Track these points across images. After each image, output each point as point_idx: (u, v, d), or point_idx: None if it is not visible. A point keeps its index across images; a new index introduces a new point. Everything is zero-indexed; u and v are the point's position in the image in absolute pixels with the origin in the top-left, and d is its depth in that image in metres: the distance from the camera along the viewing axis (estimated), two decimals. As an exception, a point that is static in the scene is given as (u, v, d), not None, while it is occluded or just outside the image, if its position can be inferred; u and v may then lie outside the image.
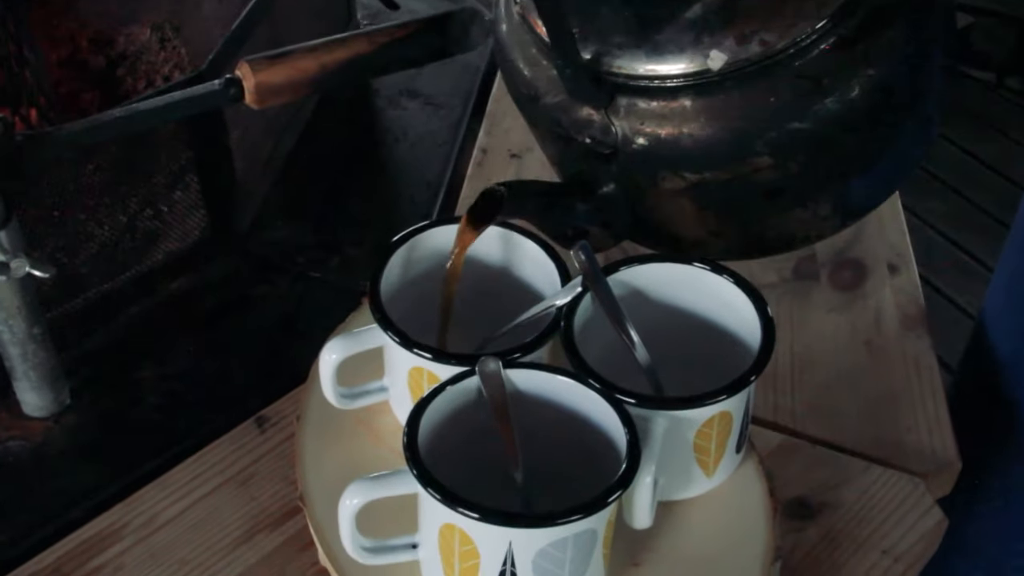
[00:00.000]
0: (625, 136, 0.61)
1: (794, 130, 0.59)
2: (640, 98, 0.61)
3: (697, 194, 0.62)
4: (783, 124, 0.59)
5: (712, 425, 0.62)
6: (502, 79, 1.04)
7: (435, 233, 0.69)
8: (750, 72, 0.58)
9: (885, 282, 0.86)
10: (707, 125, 0.60)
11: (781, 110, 0.59)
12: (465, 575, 0.57)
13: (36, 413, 0.74)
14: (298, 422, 0.69)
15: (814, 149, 0.60)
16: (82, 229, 0.80)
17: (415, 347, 0.62)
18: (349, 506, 0.58)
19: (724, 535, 0.64)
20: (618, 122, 0.61)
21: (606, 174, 0.63)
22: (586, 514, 0.54)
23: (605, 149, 0.62)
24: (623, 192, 0.64)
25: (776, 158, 0.60)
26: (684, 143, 0.60)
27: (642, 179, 0.63)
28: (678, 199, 0.63)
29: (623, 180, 0.63)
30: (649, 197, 0.64)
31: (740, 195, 0.62)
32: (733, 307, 0.65)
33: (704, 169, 0.61)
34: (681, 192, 0.62)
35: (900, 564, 0.67)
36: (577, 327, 0.64)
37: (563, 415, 0.62)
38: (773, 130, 0.59)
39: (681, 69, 0.59)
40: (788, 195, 0.63)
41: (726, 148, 0.60)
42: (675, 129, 0.60)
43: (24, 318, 0.69)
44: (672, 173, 0.62)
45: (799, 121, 0.59)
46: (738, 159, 0.60)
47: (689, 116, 0.60)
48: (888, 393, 0.78)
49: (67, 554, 0.66)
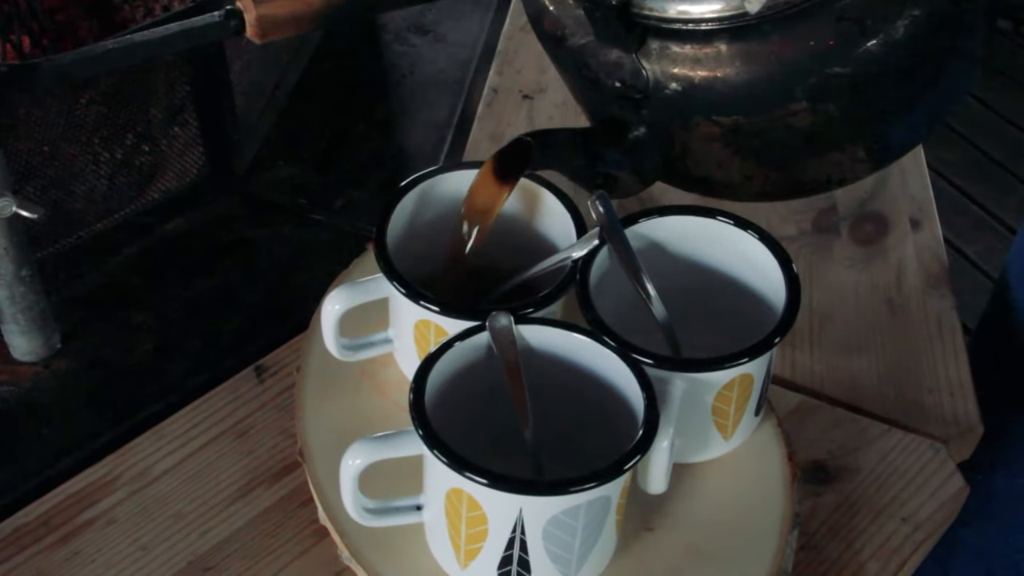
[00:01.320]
0: (656, 80, 0.59)
1: (835, 75, 0.56)
2: (672, 41, 0.58)
3: (731, 140, 0.60)
4: (823, 69, 0.56)
5: (732, 388, 0.59)
6: (513, 16, 1.01)
7: (444, 179, 0.66)
8: (789, 15, 0.55)
9: (907, 237, 0.83)
10: (743, 70, 0.57)
11: (821, 54, 0.56)
12: (472, 540, 0.55)
13: (25, 358, 0.72)
14: (298, 373, 0.66)
15: (855, 93, 0.57)
16: (75, 164, 0.76)
17: (422, 299, 0.59)
18: (351, 467, 0.55)
19: (740, 501, 0.62)
20: (649, 66, 0.58)
21: (636, 119, 0.61)
22: (601, 482, 0.52)
23: (635, 93, 0.59)
24: (654, 137, 0.61)
25: (815, 103, 0.57)
26: (718, 88, 0.57)
27: (674, 124, 0.60)
28: (711, 144, 0.60)
29: (654, 125, 0.61)
30: (680, 142, 0.62)
31: (776, 141, 0.60)
32: (756, 264, 0.62)
33: (739, 115, 0.58)
34: (714, 138, 0.60)
35: (920, 532, 0.65)
36: (593, 281, 0.61)
37: (576, 374, 0.59)
38: (813, 75, 0.56)
39: (717, 11, 0.56)
40: (825, 140, 0.60)
41: (762, 94, 0.57)
42: (709, 74, 0.57)
43: (12, 259, 0.66)
44: (705, 119, 0.59)
45: (840, 65, 0.56)
46: (775, 105, 0.58)
47: (724, 61, 0.57)
48: (909, 353, 0.76)
49: (56, 507, 0.64)
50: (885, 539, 0.64)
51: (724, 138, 0.60)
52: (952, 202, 2.06)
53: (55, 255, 0.75)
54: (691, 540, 0.60)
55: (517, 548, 0.54)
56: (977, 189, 2.11)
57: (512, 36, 0.98)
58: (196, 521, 0.63)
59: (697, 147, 0.61)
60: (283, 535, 0.63)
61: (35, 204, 0.62)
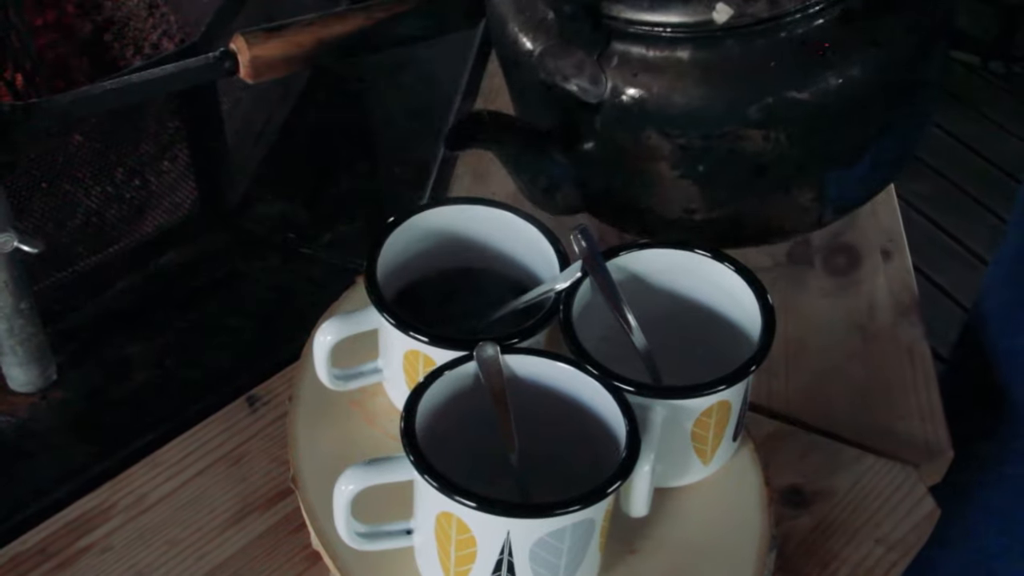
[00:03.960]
0: (615, 86, 0.60)
1: (791, 99, 0.57)
2: (636, 45, 0.59)
3: (679, 160, 0.60)
4: (780, 91, 0.57)
5: (711, 414, 0.61)
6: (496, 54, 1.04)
7: (433, 214, 0.68)
8: (754, 31, 0.56)
9: (879, 268, 0.86)
10: (701, 82, 0.58)
11: (780, 76, 0.57)
12: (461, 563, 0.57)
13: (22, 389, 0.73)
14: (290, 402, 0.68)
15: (809, 123, 0.58)
16: (69, 199, 0.78)
17: (412, 330, 0.62)
18: (344, 492, 0.57)
19: (719, 523, 0.64)
20: (609, 71, 0.59)
21: (589, 128, 0.62)
22: (585, 505, 0.54)
23: (592, 98, 0.60)
24: (603, 150, 0.62)
25: (768, 128, 0.58)
26: (674, 100, 0.58)
27: (625, 136, 0.61)
28: (658, 164, 0.61)
29: (605, 136, 0.61)
30: (629, 158, 0.62)
31: (724, 166, 0.60)
32: (733, 295, 0.65)
33: (691, 130, 0.59)
34: (663, 156, 0.60)
35: (893, 553, 0.67)
36: (576, 312, 0.63)
37: (561, 402, 0.61)
38: (769, 95, 0.57)
39: (684, 18, 0.57)
40: (774, 174, 0.61)
41: (717, 109, 0.58)
42: (668, 83, 0.58)
43: (11, 292, 0.68)
44: (657, 131, 0.60)
45: (797, 90, 0.57)
46: (728, 122, 0.58)
47: (684, 70, 0.58)
48: (881, 381, 0.78)
49: (53, 534, 0.65)
50: (860, 560, 0.67)
51: (673, 156, 0.60)
52: (923, 232, 2.10)
53: (51, 287, 0.77)
54: (672, 562, 0.63)
55: (505, 569, 0.56)
56: (947, 219, 2.15)
57: (495, 73, 1.01)
58: (191, 547, 0.65)
59: (644, 167, 0.61)
60: (276, 560, 0.64)
61: (35, 239, 0.64)
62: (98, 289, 0.80)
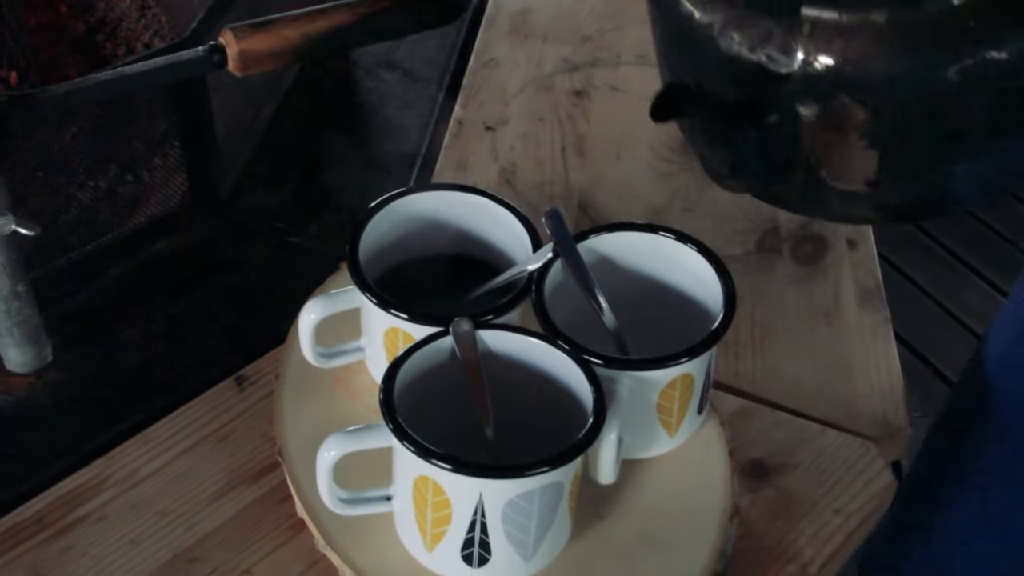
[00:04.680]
0: (807, 54, 0.57)
1: (991, 59, 0.55)
2: (829, 11, 0.57)
3: (870, 127, 0.58)
4: (980, 52, 0.55)
5: (675, 386, 0.65)
6: (477, 53, 1.07)
7: (413, 199, 0.71)
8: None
9: (844, 257, 0.89)
10: (899, 45, 0.55)
11: (980, 35, 0.55)
12: (438, 525, 0.60)
13: (19, 369, 0.76)
14: (277, 380, 0.71)
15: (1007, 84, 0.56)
16: (63, 192, 0.82)
17: (392, 308, 0.65)
18: (327, 458, 0.60)
19: (685, 492, 0.67)
20: (800, 39, 0.57)
21: (776, 99, 0.59)
22: (553, 467, 0.57)
23: (782, 68, 0.58)
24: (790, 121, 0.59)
25: (966, 90, 0.56)
26: (871, 65, 0.56)
27: (815, 105, 0.58)
28: (848, 133, 0.58)
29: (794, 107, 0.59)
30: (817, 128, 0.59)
31: (915, 132, 0.58)
32: (697, 275, 0.68)
33: (887, 95, 0.57)
34: (854, 124, 0.58)
35: (851, 521, 0.70)
36: (547, 291, 0.66)
37: (533, 375, 0.64)
38: (969, 57, 0.55)
39: None
40: (966, 141, 0.59)
41: (916, 72, 0.56)
42: (864, 48, 0.56)
43: (9, 275, 0.71)
44: (850, 99, 0.57)
45: (996, 50, 0.54)
46: (926, 86, 0.56)
47: (881, 33, 0.55)
48: (844, 362, 0.81)
49: (49, 505, 0.68)
50: (819, 528, 0.70)
51: (864, 125, 0.58)
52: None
53: (47, 275, 0.79)
54: (639, 528, 0.66)
55: (478, 531, 0.59)
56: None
57: (476, 72, 1.04)
58: (181, 517, 0.68)
59: (831, 137, 0.59)
60: (263, 528, 0.67)
61: (32, 223, 0.67)
62: (92, 276, 0.83)
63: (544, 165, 0.95)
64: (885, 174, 0.61)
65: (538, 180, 0.93)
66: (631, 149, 0.97)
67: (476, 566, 0.61)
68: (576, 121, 1.00)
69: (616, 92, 1.03)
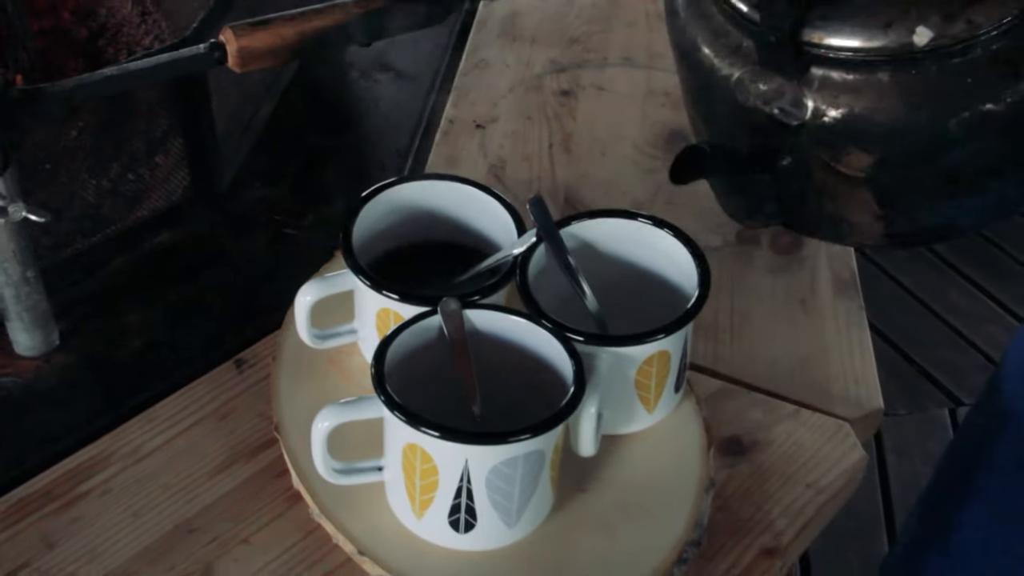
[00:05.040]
0: (816, 108, 0.61)
1: (987, 112, 0.59)
2: (837, 71, 0.61)
3: (877, 173, 0.62)
4: (977, 105, 0.59)
5: (652, 363, 0.68)
6: (468, 54, 1.11)
7: (403, 188, 0.75)
8: (952, 51, 0.58)
9: (821, 248, 0.93)
10: (902, 101, 0.60)
11: (977, 91, 0.59)
12: (426, 492, 0.63)
13: (27, 353, 0.80)
14: (274, 362, 0.75)
15: (1003, 132, 0.60)
16: (70, 187, 0.85)
17: (384, 289, 0.68)
18: (321, 429, 0.64)
19: (663, 465, 0.71)
20: (809, 94, 0.61)
21: (788, 148, 0.64)
22: (534, 434, 0.60)
23: (793, 120, 0.62)
24: (802, 167, 0.64)
25: (965, 140, 0.60)
26: (876, 119, 0.60)
27: (825, 153, 0.63)
28: (853, 178, 0.63)
29: (804, 155, 0.63)
30: (825, 175, 0.64)
31: (920, 177, 0.62)
32: (674, 259, 0.72)
33: (892, 146, 0.61)
34: (859, 170, 0.62)
35: (823, 496, 0.73)
36: (531, 275, 0.70)
37: (518, 353, 0.67)
38: (967, 110, 0.59)
39: (883, 43, 0.59)
40: (965, 180, 0.63)
41: (919, 126, 0.60)
42: (869, 104, 0.60)
43: (19, 261, 0.75)
44: (858, 148, 0.62)
45: (994, 103, 0.59)
46: (928, 138, 0.60)
47: (885, 91, 0.60)
48: (820, 347, 0.85)
49: (57, 479, 0.71)
50: (791, 501, 0.73)
51: (868, 172, 0.62)
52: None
53: (54, 264, 0.83)
54: (619, 500, 0.69)
55: (464, 497, 0.62)
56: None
57: (467, 72, 1.08)
58: (183, 490, 0.71)
59: (838, 182, 0.64)
60: (261, 501, 0.71)
61: (42, 210, 0.71)
62: (97, 265, 0.86)
63: (532, 161, 0.99)
64: (891, 210, 0.66)
65: (526, 176, 0.97)
66: (616, 146, 1.01)
67: (463, 532, 0.64)
68: (563, 120, 1.03)
69: (602, 92, 1.07)
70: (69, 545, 0.68)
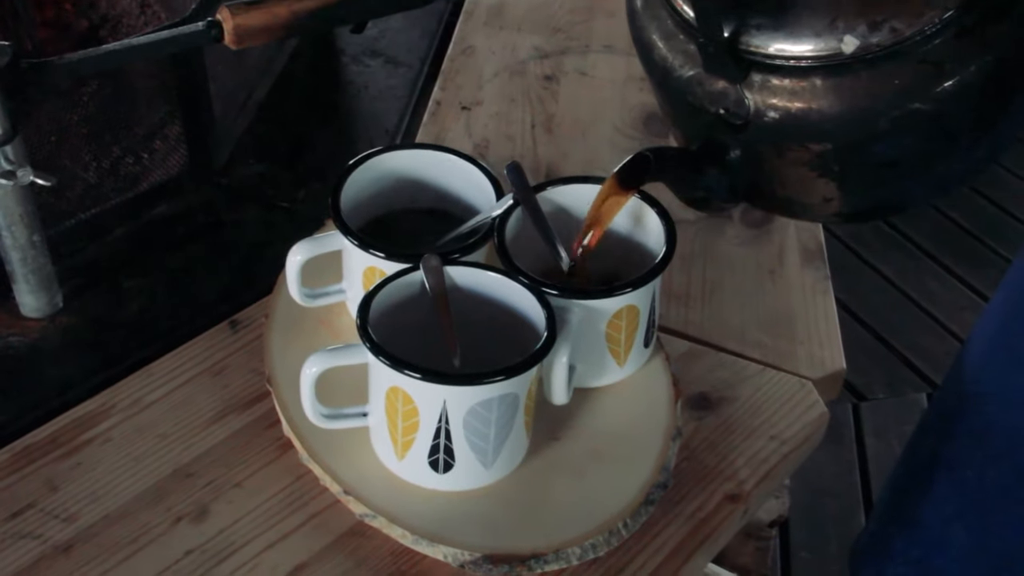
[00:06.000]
0: (757, 109, 0.66)
1: (914, 110, 0.64)
2: (774, 75, 0.65)
3: (817, 165, 0.67)
4: (904, 104, 0.64)
5: (621, 316, 0.72)
6: (456, 41, 1.15)
7: (389, 157, 0.79)
8: (879, 56, 0.63)
9: (790, 222, 0.97)
10: (835, 103, 0.64)
11: (904, 92, 0.63)
12: (407, 433, 0.67)
13: (33, 314, 0.84)
14: (266, 320, 0.79)
15: (930, 126, 0.65)
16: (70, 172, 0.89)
17: (371, 248, 0.73)
18: (309, 375, 0.68)
19: (633, 416, 0.75)
20: (751, 96, 0.66)
21: (735, 143, 0.69)
22: (508, 376, 0.64)
23: (737, 120, 0.67)
24: (748, 159, 0.69)
25: (895, 134, 0.65)
26: (812, 118, 0.65)
27: (769, 149, 0.68)
28: (799, 168, 0.68)
29: (750, 149, 0.68)
30: (773, 165, 0.69)
31: (857, 166, 0.67)
32: (643, 222, 0.76)
33: (828, 143, 0.66)
34: (803, 162, 0.67)
35: (785, 447, 0.78)
36: (509, 235, 0.74)
37: (495, 308, 0.72)
38: (895, 109, 0.64)
39: (815, 51, 0.64)
40: (901, 167, 0.68)
41: (850, 125, 0.65)
42: (804, 105, 0.65)
43: (26, 225, 0.79)
44: (798, 145, 0.66)
45: (920, 102, 0.63)
46: (860, 134, 0.65)
47: (819, 94, 0.64)
48: (786, 313, 0.89)
49: (61, 428, 0.75)
50: (755, 452, 0.77)
51: (812, 163, 0.67)
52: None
53: (59, 233, 0.87)
54: (590, 447, 0.73)
55: (443, 437, 0.66)
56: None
57: (455, 58, 1.13)
58: (180, 439, 0.75)
59: (786, 171, 0.69)
60: (253, 448, 0.75)
61: (48, 174, 0.75)
62: (99, 235, 0.90)
63: (515, 141, 1.03)
64: (837, 193, 0.71)
65: (508, 154, 1.01)
66: (596, 127, 1.06)
67: (442, 472, 0.68)
68: (546, 102, 1.08)
69: (584, 77, 1.12)
70: (72, 488, 0.72)
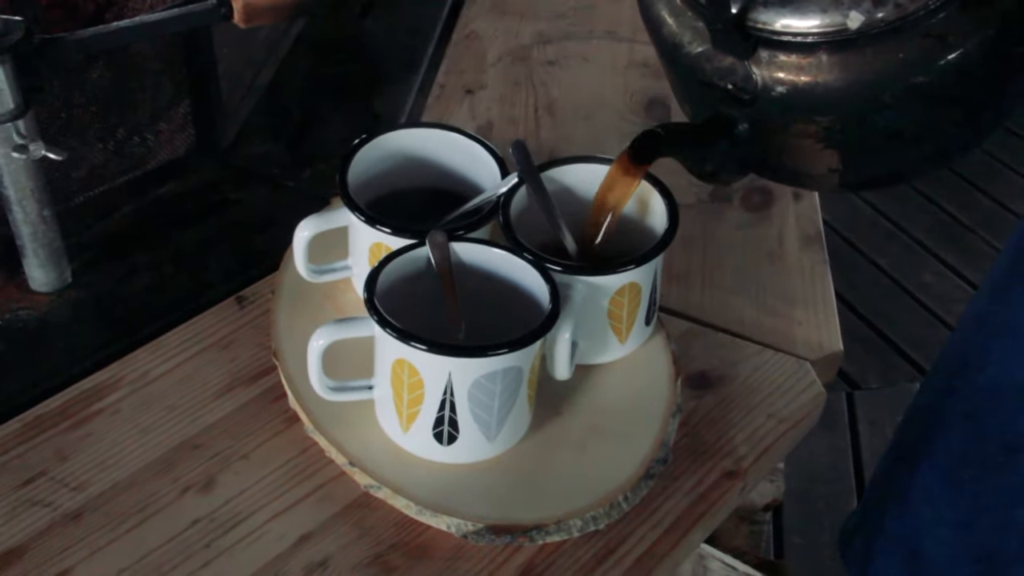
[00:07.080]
0: (765, 84, 0.68)
1: (919, 83, 0.65)
2: (781, 51, 0.67)
3: (823, 137, 0.69)
4: (909, 77, 0.65)
5: (623, 294, 0.74)
6: (459, 27, 1.16)
7: (396, 135, 0.80)
8: (883, 31, 0.64)
9: (789, 207, 0.98)
10: (840, 77, 0.66)
11: (908, 65, 0.65)
12: (412, 405, 0.68)
13: (42, 288, 0.85)
14: (273, 295, 0.80)
15: (935, 99, 0.67)
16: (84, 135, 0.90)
17: (377, 223, 0.74)
18: (316, 347, 0.69)
19: (633, 393, 0.76)
20: (758, 71, 0.68)
21: (743, 117, 0.70)
22: (512, 349, 0.66)
23: (745, 95, 0.69)
24: (756, 133, 0.70)
25: (900, 107, 0.67)
26: (818, 92, 0.67)
27: (776, 122, 0.70)
28: (805, 140, 0.70)
29: (757, 123, 0.70)
30: (779, 138, 0.71)
31: (863, 138, 0.69)
32: (646, 202, 0.77)
33: (833, 116, 0.68)
34: (810, 135, 0.69)
35: (783, 425, 0.79)
36: (513, 213, 0.75)
37: (499, 283, 0.73)
38: (900, 83, 0.66)
39: (821, 27, 0.65)
40: (905, 138, 0.70)
41: (856, 98, 0.67)
42: (811, 79, 0.66)
43: (36, 200, 0.80)
44: (805, 118, 0.68)
45: (924, 75, 0.65)
46: (866, 108, 0.67)
47: (824, 69, 0.66)
48: (785, 295, 0.90)
49: (71, 400, 0.77)
50: (754, 430, 0.79)
51: (818, 135, 0.69)
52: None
53: (68, 210, 0.88)
54: (592, 422, 0.75)
55: (448, 409, 0.68)
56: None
57: (458, 43, 1.14)
58: (187, 411, 0.76)
59: (793, 143, 0.70)
60: (260, 421, 0.76)
61: (60, 149, 0.76)
62: (107, 212, 0.91)
63: (518, 124, 1.04)
64: (842, 164, 0.72)
65: (511, 136, 1.02)
66: (598, 112, 1.07)
67: (446, 444, 0.69)
68: (548, 86, 1.09)
69: (587, 62, 1.13)
70: (81, 458, 0.73)
